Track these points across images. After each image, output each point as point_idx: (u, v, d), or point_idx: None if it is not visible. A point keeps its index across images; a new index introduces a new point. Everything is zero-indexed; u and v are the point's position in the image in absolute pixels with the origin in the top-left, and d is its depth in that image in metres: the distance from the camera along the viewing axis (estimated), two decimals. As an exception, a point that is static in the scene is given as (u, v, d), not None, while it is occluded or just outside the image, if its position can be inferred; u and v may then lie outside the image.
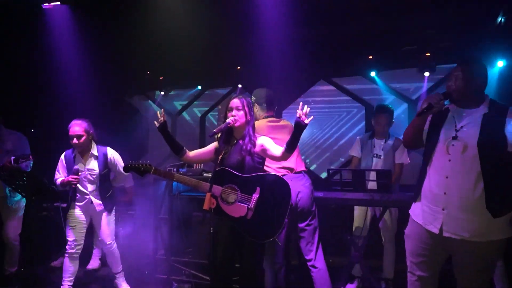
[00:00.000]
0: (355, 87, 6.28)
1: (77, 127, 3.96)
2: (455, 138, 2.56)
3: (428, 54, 5.50)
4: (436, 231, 2.59)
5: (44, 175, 4.20)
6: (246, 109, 3.14)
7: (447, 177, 2.55)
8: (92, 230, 4.56)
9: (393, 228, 4.35)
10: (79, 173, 3.95)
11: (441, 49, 5.42)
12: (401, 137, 4.56)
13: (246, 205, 3.00)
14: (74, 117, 4.10)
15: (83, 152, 4.07)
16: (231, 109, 3.14)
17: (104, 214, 4.10)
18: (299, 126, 2.78)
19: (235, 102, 3.16)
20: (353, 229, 4.46)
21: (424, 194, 2.70)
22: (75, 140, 3.94)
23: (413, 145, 2.88)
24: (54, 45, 5.69)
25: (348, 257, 4.35)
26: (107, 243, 4.10)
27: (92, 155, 4.08)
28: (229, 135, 3.20)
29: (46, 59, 5.81)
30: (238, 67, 6.47)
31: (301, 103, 2.73)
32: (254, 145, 3.11)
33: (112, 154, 4.17)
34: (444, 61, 5.54)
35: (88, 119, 4.09)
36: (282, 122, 3.78)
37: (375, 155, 4.50)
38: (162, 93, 7.26)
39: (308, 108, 2.75)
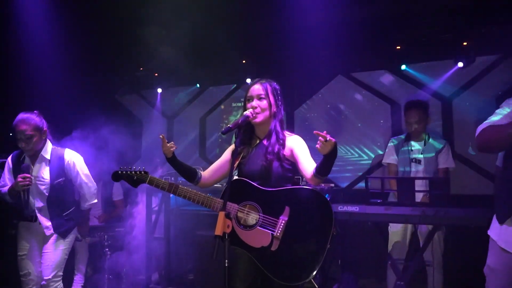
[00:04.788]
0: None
1: (25, 125, 3.07)
2: None
3: (466, 43, 4.73)
4: None
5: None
6: (271, 97, 2.41)
7: None
8: (72, 252, 3.75)
9: (441, 248, 3.74)
10: (31, 172, 3.09)
11: (482, 36, 4.64)
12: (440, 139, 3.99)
13: (270, 232, 2.24)
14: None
15: (35, 155, 3.22)
16: (251, 98, 2.41)
17: (52, 239, 3.18)
18: (325, 157, 2.10)
19: (256, 88, 2.41)
20: (390, 250, 3.75)
21: None
22: (23, 144, 3.09)
23: (496, 149, 2.24)
24: (26, 32, 4.80)
25: (384, 282, 3.86)
26: (45, 278, 3.14)
27: (43, 158, 3.21)
28: (249, 133, 2.46)
29: (15, 48, 4.94)
30: (244, 61, 5.72)
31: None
32: (283, 145, 2.36)
33: (72, 157, 3.30)
34: (486, 52, 4.79)
35: (37, 111, 3.21)
36: None
37: (413, 159, 3.91)
38: (160, 90, 6.46)
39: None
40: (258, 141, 2.44)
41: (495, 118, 2.20)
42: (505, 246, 2.13)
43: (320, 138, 1.99)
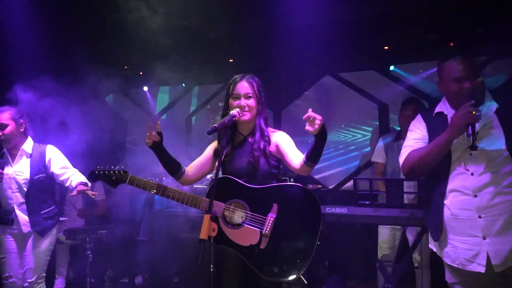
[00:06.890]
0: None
1: (2, 114, 3.12)
2: (472, 147, 2.07)
3: (452, 44, 4.74)
4: (482, 269, 2.03)
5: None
6: (257, 94, 2.35)
7: (475, 196, 2.09)
8: (53, 255, 3.62)
9: (429, 250, 3.62)
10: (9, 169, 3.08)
11: (469, 38, 4.65)
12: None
13: (258, 229, 2.20)
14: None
15: (14, 149, 3.21)
16: (238, 97, 2.33)
17: (30, 241, 3.13)
18: (316, 138, 2.06)
19: (244, 86, 2.34)
20: (380, 253, 3.69)
21: (449, 227, 2.19)
22: None
23: (422, 172, 2.33)
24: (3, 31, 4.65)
25: (371, 284, 3.92)
26: (28, 281, 3.10)
27: (23, 152, 3.21)
28: (233, 131, 2.40)
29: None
30: (231, 60, 5.65)
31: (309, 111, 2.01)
32: (268, 142, 2.32)
33: (53, 154, 3.26)
34: (473, 53, 4.75)
35: (19, 108, 3.24)
36: None
37: None
38: (146, 88, 6.32)
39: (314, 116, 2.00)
40: (242, 138, 2.39)
41: (409, 143, 2.32)
42: (450, 261, 2.21)
43: (309, 116, 1.96)
